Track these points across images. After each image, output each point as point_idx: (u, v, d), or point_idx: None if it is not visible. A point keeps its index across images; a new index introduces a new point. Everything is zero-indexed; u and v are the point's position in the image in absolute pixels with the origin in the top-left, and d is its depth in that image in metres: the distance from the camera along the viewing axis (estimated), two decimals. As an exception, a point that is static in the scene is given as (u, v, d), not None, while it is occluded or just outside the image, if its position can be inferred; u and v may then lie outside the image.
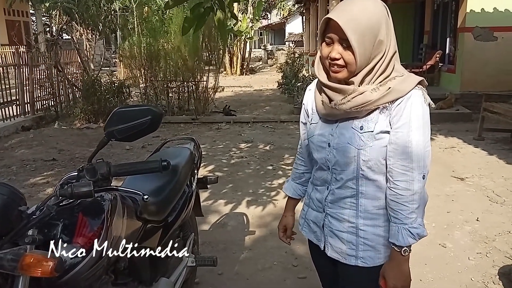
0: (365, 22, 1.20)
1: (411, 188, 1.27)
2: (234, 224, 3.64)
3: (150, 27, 8.92)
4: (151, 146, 5.99)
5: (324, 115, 1.38)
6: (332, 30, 1.24)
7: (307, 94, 1.52)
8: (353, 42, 1.19)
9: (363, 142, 1.29)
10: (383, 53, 1.24)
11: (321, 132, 1.40)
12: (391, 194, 1.30)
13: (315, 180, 1.49)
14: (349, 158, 1.32)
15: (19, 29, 16.22)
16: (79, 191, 1.11)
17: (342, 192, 1.37)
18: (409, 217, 1.28)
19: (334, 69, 1.26)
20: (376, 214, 1.36)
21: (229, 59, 18.69)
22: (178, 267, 2.08)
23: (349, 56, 1.23)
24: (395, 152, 1.27)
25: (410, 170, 1.26)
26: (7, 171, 5.17)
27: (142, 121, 1.18)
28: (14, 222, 1.13)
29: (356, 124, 1.31)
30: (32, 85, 8.25)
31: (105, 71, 10.47)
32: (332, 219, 1.42)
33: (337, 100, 1.28)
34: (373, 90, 1.25)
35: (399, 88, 1.25)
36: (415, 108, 1.25)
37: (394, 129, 1.27)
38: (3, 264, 1.06)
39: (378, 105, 1.26)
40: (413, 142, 1.25)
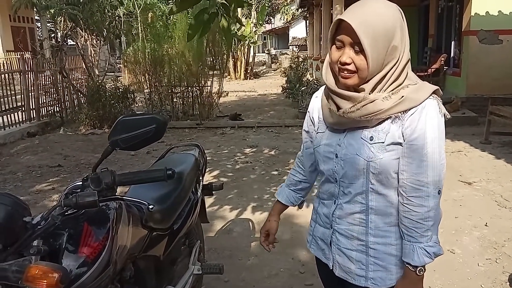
0: (379, 26, 1.13)
1: (426, 205, 1.19)
2: (239, 230, 3.62)
3: (154, 32, 8.95)
4: (156, 152, 6.00)
5: (331, 123, 1.30)
6: (343, 33, 1.17)
7: (313, 101, 1.44)
8: (366, 47, 1.12)
9: (372, 153, 1.22)
10: (396, 60, 1.18)
11: (328, 142, 1.32)
12: (404, 210, 1.22)
13: (322, 194, 1.42)
14: (357, 170, 1.24)
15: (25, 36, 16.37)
16: (83, 201, 1.10)
17: (350, 207, 1.29)
18: (425, 235, 1.20)
19: (344, 74, 1.19)
20: (388, 232, 1.28)
21: (233, 63, 18.72)
22: (184, 275, 2.06)
23: (361, 61, 1.16)
24: (409, 166, 1.19)
25: (425, 185, 1.18)
26: (13, 178, 5.18)
27: (147, 129, 1.16)
28: (19, 233, 1.12)
29: (365, 134, 1.24)
30: (37, 91, 8.29)
31: (110, 77, 10.52)
32: (340, 236, 1.34)
33: (345, 108, 1.21)
34: (385, 98, 1.18)
35: (413, 97, 1.18)
36: (430, 118, 1.17)
37: (407, 141, 1.19)
38: (7, 275, 1.05)
39: (390, 114, 1.19)
40: (428, 155, 1.17)
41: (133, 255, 1.56)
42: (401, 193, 1.22)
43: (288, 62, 17.08)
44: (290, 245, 3.27)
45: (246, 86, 16.19)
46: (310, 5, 17.79)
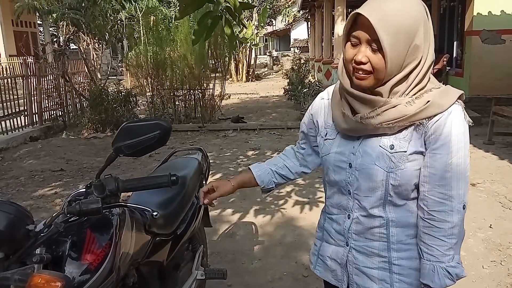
0: (401, 23, 1.02)
1: (450, 220, 1.09)
2: (242, 233, 3.60)
3: (156, 36, 8.96)
4: (159, 155, 5.99)
5: (345, 130, 1.18)
6: (360, 28, 1.06)
7: (318, 104, 1.33)
8: (385, 45, 1.02)
9: (393, 164, 1.10)
10: (418, 61, 1.07)
11: (339, 150, 1.20)
12: (425, 226, 1.12)
13: (331, 208, 1.28)
14: (375, 182, 1.13)
15: (27, 40, 16.44)
16: (87, 208, 1.09)
17: (369, 221, 1.17)
18: (447, 254, 1.09)
19: (359, 75, 1.08)
20: (411, 244, 1.17)
21: (235, 66, 18.74)
22: (188, 280, 2.05)
23: (378, 61, 1.05)
24: (432, 178, 1.09)
25: (449, 199, 1.08)
26: (15, 182, 5.18)
27: (151, 136, 1.16)
28: (21, 241, 1.12)
29: (385, 142, 1.12)
30: (40, 95, 8.31)
31: (112, 80, 10.54)
32: (358, 253, 1.21)
33: (364, 113, 1.10)
34: (408, 103, 1.07)
35: (439, 102, 1.07)
36: (456, 126, 1.07)
37: (431, 150, 1.09)
38: (10, 284, 1.04)
39: (414, 121, 1.08)
40: (453, 166, 1.07)
41: (137, 261, 1.55)
42: (421, 207, 1.12)
43: (289, 64, 17.09)
44: (293, 249, 3.26)
45: (248, 88, 16.20)
46: (312, 7, 17.80)
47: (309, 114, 1.35)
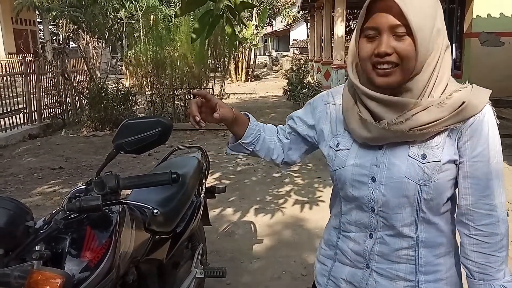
0: (424, 2, 0.92)
1: (498, 232, 0.99)
2: (241, 232, 3.60)
3: (156, 35, 8.96)
4: (158, 154, 5.98)
5: (367, 139, 1.02)
6: (378, 16, 0.93)
7: (322, 109, 1.15)
8: (414, 26, 0.89)
9: (427, 175, 0.97)
10: (440, 48, 0.95)
11: (359, 162, 1.05)
12: (472, 243, 1.00)
13: (347, 225, 1.12)
14: (406, 197, 0.99)
15: (27, 38, 16.41)
16: (87, 205, 1.09)
17: (396, 241, 1.04)
18: (501, 269, 1.00)
19: (383, 70, 0.94)
20: (438, 265, 1.05)
21: (234, 66, 18.74)
22: (187, 279, 2.05)
23: (406, 47, 0.92)
24: (476, 189, 0.98)
25: (494, 209, 0.98)
26: (14, 180, 5.17)
27: (152, 133, 1.15)
28: (21, 237, 1.11)
29: (414, 152, 0.99)
30: (39, 93, 8.30)
31: (112, 79, 10.52)
32: (380, 277, 1.07)
33: (390, 118, 0.96)
34: (440, 104, 0.95)
35: (474, 103, 0.96)
36: (492, 129, 0.98)
37: (470, 157, 0.98)
38: (10, 281, 1.04)
39: (449, 125, 0.96)
40: (493, 172, 0.98)
41: (136, 259, 1.55)
42: (465, 223, 1.01)
43: (289, 65, 17.10)
44: (293, 248, 3.26)
45: (247, 88, 16.20)
46: (311, 8, 17.80)
47: (311, 116, 1.17)
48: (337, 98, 1.13)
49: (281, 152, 1.24)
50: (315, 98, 1.20)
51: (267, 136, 1.22)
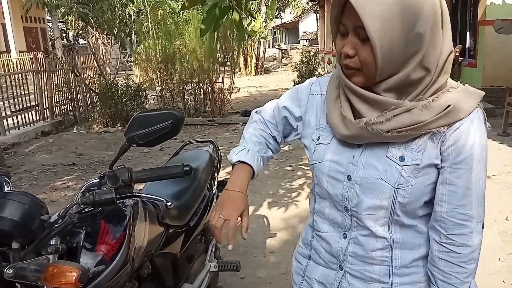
0: (395, 3, 0.81)
1: (470, 244, 0.93)
2: (254, 226, 3.59)
3: (164, 30, 8.96)
4: (169, 149, 6.00)
5: (344, 137, 0.97)
6: (347, 13, 0.87)
7: (308, 99, 1.09)
8: (371, 33, 0.81)
9: (403, 178, 0.92)
10: (423, 54, 0.86)
11: (336, 159, 0.99)
12: (442, 251, 0.95)
13: (320, 224, 1.07)
14: (381, 199, 0.94)
15: (36, 36, 16.54)
16: (101, 199, 1.08)
17: (370, 242, 0.99)
18: (466, 281, 0.95)
19: (346, 71, 0.91)
20: (415, 267, 1.01)
21: (244, 59, 18.68)
22: (201, 272, 2.04)
23: (365, 54, 0.85)
24: (453, 197, 0.92)
25: (470, 220, 0.93)
26: (28, 176, 5.23)
27: (163, 125, 1.14)
28: (36, 231, 1.11)
29: (393, 153, 0.93)
30: (50, 90, 8.37)
31: (121, 75, 10.57)
32: (353, 279, 1.03)
33: (370, 117, 0.90)
34: (425, 106, 0.88)
35: (461, 106, 0.89)
36: (479, 135, 0.90)
37: (451, 164, 0.91)
38: (26, 275, 1.04)
39: (431, 128, 0.89)
40: (474, 181, 0.91)
41: (150, 253, 1.55)
42: (437, 230, 0.96)
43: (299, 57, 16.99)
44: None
45: (257, 81, 16.15)
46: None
47: (297, 107, 1.11)
48: (323, 88, 1.07)
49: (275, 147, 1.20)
50: (301, 87, 1.13)
51: (264, 155, 1.16)
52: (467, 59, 9.53)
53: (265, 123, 1.18)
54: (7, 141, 6.84)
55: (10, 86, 7.61)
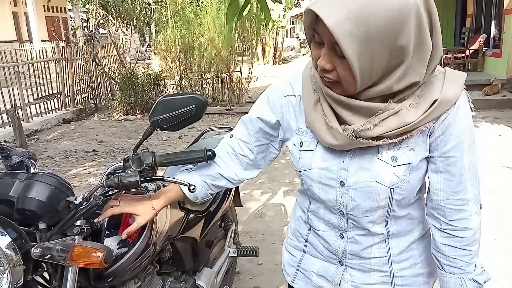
0: (374, 21, 0.74)
1: (471, 226, 0.94)
2: (271, 214, 3.61)
3: (184, 19, 8.96)
4: (188, 137, 6.05)
5: (333, 146, 0.93)
6: (321, 26, 0.79)
7: (284, 102, 1.03)
8: (349, 55, 0.76)
9: (398, 178, 0.91)
10: (407, 64, 0.81)
11: (325, 166, 0.96)
12: (444, 236, 0.96)
13: (316, 222, 1.07)
14: (377, 200, 0.94)
15: (58, 25, 16.79)
16: (125, 182, 1.09)
17: (368, 239, 1.01)
18: (471, 262, 0.96)
19: (326, 82, 0.87)
20: (411, 250, 1.03)
21: (262, 49, 18.57)
22: (221, 257, 2.07)
23: (344, 72, 0.81)
24: (448, 185, 0.93)
25: (467, 203, 0.93)
26: (51, 162, 5.35)
27: (187, 109, 1.14)
28: (62, 212, 1.13)
29: (385, 155, 0.91)
30: (72, 78, 8.50)
31: (141, 64, 10.65)
32: (354, 271, 1.05)
33: (357, 124, 0.86)
34: (411, 105, 0.86)
35: (447, 97, 0.86)
36: (466, 120, 0.89)
37: (442, 154, 0.91)
38: (53, 254, 1.06)
39: (421, 125, 0.87)
40: (466, 166, 0.91)
41: (171, 237, 1.57)
42: (436, 218, 0.97)
43: (317, 46, 16.78)
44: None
45: (275, 71, 16.04)
46: (340, -13, 17.33)
47: (272, 113, 1.05)
48: (296, 88, 1.01)
49: (250, 167, 1.14)
50: (271, 92, 1.06)
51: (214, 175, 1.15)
52: (491, 49, 9.27)
53: (233, 149, 1.15)
54: (30, 127, 7.00)
55: (33, 74, 7.76)
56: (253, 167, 1.14)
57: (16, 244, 1.03)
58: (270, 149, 1.13)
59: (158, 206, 1.16)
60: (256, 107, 1.10)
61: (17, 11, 17.97)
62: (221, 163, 1.15)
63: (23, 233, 1.08)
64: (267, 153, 1.13)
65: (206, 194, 1.18)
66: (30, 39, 16.93)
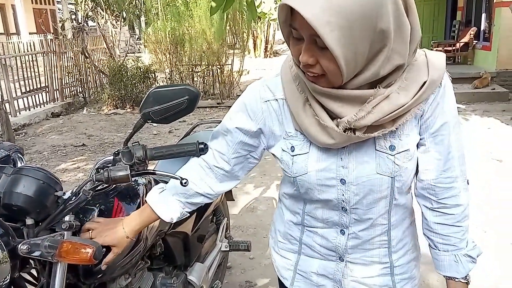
0: (353, 7, 0.72)
1: (461, 203, 0.96)
2: (263, 208, 3.60)
3: (174, 11, 8.86)
4: (179, 131, 6.01)
5: (330, 145, 0.90)
6: (298, 20, 0.77)
7: (262, 108, 0.98)
8: (331, 44, 0.74)
9: (398, 166, 0.91)
10: (390, 48, 0.80)
11: (323, 167, 0.94)
12: (436, 215, 0.98)
13: (312, 221, 1.03)
14: (380, 192, 0.93)
15: (46, 17, 16.51)
16: (115, 176, 1.06)
17: (369, 233, 1.00)
18: (463, 238, 0.98)
19: (310, 77, 0.84)
20: (405, 238, 1.04)
21: (253, 42, 18.48)
22: (212, 252, 2.05)
23: (328, 64, 0.79)
24: (437, 163, 0.94)
25: (455, 181, 0.95)
26: (39, 157, 5.27)
27: (179, 101, 1.10)
28: (51, 207, 1.10)
29: (382, 144, 0.91)
30: (60, 72, 8.38)
31: (131, 57, 10.54)
32: (354, 265, 1.04)
33: (350, 115, 0.84)
34: (400, 88, 0.84)
35: (434, 78, 0.86)
36: (451, 99, 0.91)
37: (430, 133, 0.92)
38: (40, 250, 1.03)
39: (413, 107, 0.87)
40: (453, 143, 0.93)
41: (162, 232, 1.54)
42: (427, 197, 0.98)
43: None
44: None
45: (266, 64, 15.99)
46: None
47: (252, 121, 1.00)
48: (277, 92, 0.97)
49: (226, 179, 1.10)
50: (247, 99, 1.01)
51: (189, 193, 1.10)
52: (481, 42, 9.34)
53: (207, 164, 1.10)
54: (18, 122, 6.89)
55: (20, 67, 7.62)
56: (230, 178, 1.10)
57: (2, 241, 1.00)
58: (249, 160, 1.08)
59: (132, 234, 1.13)
60: (232, 116, 1.04)
61: (4, 3, 17.65)
62: (195, 179, 1.08)
63: (9, 229, 1.05)
64: (245, 163, 1.09)
65: (182, 214, 1.13)
66: (18, 31, 16.65)
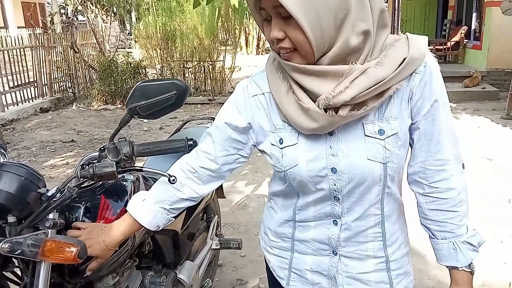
0: None
1: (454, 186, 0.93)
2: (255, 205, 3.58)
3: (165, 6, 8.78)
4: (169, 128, 5.96)
5: (314, 130, 0.88)
6: (263, 1, 0.82)
7: (249, 104, 0.98)
8: (292, 9, 0.75)
9: (389, 151, 0.89)
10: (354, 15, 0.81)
11: (312, 156, 0.91)
12: (429, 201, 0.95)
13: (304, 216, 1.01)
14: (373, 179, 0.91)
15: (35, 11, 16.28)
16: (101, 172, 1.03)
17: (362, 224, 0.97)
18: (461, 224, 0.94)
19: (284, 55, 0.85)
20: (397, 231, 1.01)
21: (245, 38, 18.42)
22: (203, 250, 2.02)
23: (292, 33, 0.80)
24: (428, 145, 0.92)
25: (447, 163, 0.92)
26: (27, 153, 5.19)
27: (167, 96, 1.07)
28: (34, 204, 1.06)
29: (370, 129, 0.89)
30: (49, 66, 8.25)
31: (121, 52, 10.43)
32: (349, 260, 1.00)
33: (327, 91, 0.82)
34: (379, 64, 0.83)
35: (415, 56, 0.85)
36: (439, 79, 0.90)
37: (421, 115, 0.90)
38: (23, 249, 1.00)
39: (393, 84, 0.84)
40: (443, 125, 0.91)
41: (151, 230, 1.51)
42: (419, 182, 0.96)
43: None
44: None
45: (258, 61, 15.95)
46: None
47: (240, 116, 0.99)
48: (263, 86, 0.97)
49: (212, 179, 1.06)
50: (236, 96, 1.01)
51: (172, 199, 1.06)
52: (472, 41, 9.40)
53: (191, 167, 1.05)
54: (5, 117, 6.77)
55: (8, 62, 7.49)
56: (215, 179, 1.06)
57: (-18, 239, 0.96)
58: (237, 159, 1.05)
59: (113, 245, 1.11)
60: (221, 113, 1.03)
61: (-9, -4, 17.34)
62: (177, 184, 1.04)
63: (-11, 227, 1.01)
64: (234, 163, 1.05)
65: (167, 220, 1.10)
66: (6, 25, 16.38)
